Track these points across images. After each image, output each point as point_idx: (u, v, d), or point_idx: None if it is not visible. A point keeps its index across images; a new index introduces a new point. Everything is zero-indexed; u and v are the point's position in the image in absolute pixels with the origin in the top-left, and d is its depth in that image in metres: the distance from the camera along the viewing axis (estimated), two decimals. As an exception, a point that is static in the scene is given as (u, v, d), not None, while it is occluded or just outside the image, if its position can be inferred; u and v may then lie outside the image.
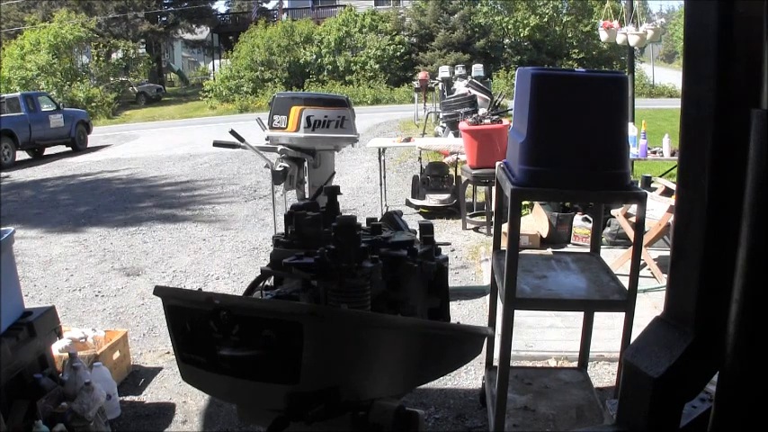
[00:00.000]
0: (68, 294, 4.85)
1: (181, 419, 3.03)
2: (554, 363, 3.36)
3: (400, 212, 1.74)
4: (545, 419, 2.62)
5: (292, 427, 1.09)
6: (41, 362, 2.80)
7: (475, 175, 5.73)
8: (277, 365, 1.06)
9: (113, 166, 11.90)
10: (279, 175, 4.13)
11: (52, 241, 6.49)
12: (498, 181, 2.57)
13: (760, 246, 0.69)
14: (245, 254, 5.72)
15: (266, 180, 6.50)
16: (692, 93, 0.80)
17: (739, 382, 0.74)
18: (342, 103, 4.21)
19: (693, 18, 0.80)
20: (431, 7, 26.65)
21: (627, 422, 0.83)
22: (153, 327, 4.11)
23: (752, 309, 0.70)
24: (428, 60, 25.21)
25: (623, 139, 2.25)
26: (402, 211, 1.79)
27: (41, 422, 2.49)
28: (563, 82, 2.29)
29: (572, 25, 26.64)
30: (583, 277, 2.54)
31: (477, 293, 4.39)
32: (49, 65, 24.56)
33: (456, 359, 1.56)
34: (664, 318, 0.84)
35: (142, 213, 7.68)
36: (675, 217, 0.87)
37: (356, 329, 1.13)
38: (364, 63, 26.36)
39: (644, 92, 23.20)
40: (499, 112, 6.18)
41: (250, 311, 1.08)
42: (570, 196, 3.55)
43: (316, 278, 1.24)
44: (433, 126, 11.53)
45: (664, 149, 5.93)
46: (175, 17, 31.41)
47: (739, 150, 0.70)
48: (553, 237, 5.33)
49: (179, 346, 1.17)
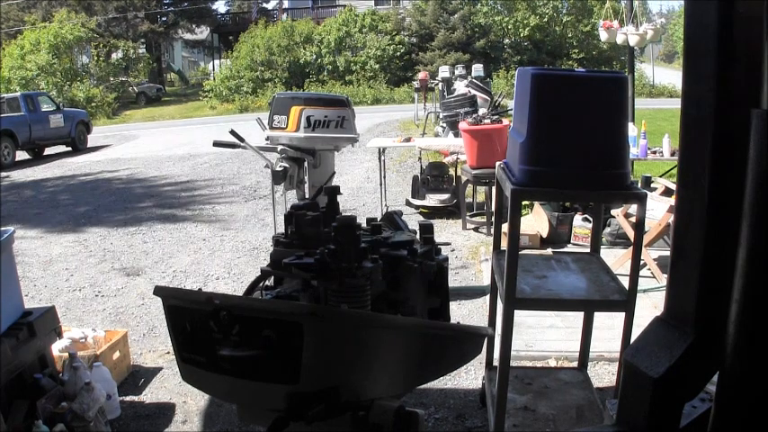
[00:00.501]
0: (68, 294, 4.85)
1: (181, 419, 3.03)
2: (554, 363, 3.36)
3: (400, 212, 1.74)
4: (545, 419, 2.62)
5: (292, 427, 1.09)
6: (41, 362, 2.80)
7: (475, 175, 5.73)
8: (277, 365, 1.06)
9: (113, 166, 11.90)
10: (279, 175, 4.13)
11: (52, 241, 6.49)
12: (498, 181, 2.57)
13: (760, 246, 0.69)
14: (245, 254, 5.72)
15: (266, 180, 6.50)
16: (692, 93, 0.80)
17: (739, 382, 0.74)
18: (342, 103, 4.21)
19: (693, 18, 0.80)
20: (431, 7, 26.65)
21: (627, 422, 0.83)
22: (153, 327, 4.11)
23: (752, 309, 0.70)
24: (428, 60, 25.21)
25: (623, 139, 2.25)
26: (402, 211, 1.79)
27: (41, 422, 2.49)
28: (563, 82, 2.29)
29: (572, 25, 26.64)
30: (583, 277, 2.54)
31: (477, 293, 4.39)
32: (49, 65, 24.57)
33: (456, 359, 1.56)
34: (664, 318, 0.84)
35: (142, 213, 7.68)
36: (675, 217, 0.87)
37: (356, 329, 1.13)
38: (364, 63, 26.36)
39: (644, 92, 23.20)
40: (499, 112, 6.18)
41: (250, 311, 1.08)
42: (570, 196, 3.55)
43: (316, 278, 1.24)
44: (433, 126, 11.53)
45: (664, 149, 5.93)
46: (175, 17, 31.41)
47: (739, 150, 0.70)
48: (553, 237, 5.33)
49: (179, 346, 1.17)
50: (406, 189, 7.61)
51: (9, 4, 28.78)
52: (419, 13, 27.06)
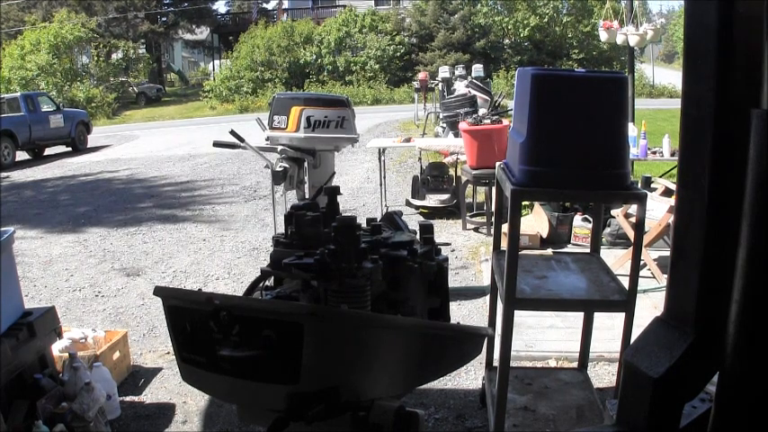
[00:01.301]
0: (68, 294, 4.85)
1: (181, 419, 3.03)
2: (554, 363, 3.36)
3: (400, 213, 1.73)
4: (545, 420, 2.62)
5: (292, 427, 1.09)
6: (41, 362, 2.80)
7: (475, 176, 5.73)
8: (277, 366, 1.06)
9: (113, 166, 11.90)
10: (279, 175, 4.13)
11: (52, 241, 6.49)
12: (498, 181, 2.57)
13: (760, 246, 0.69)
14: (245, 254, 5.72)
15: (266, 180, 6.50)
16: (692, 93, 0.80)
17: (739, 382, 0.74)
18: (342, 103, 4.21)
19: (693, 18, 0.80)
20: (431, 7, 26.65)
21: (627, 422, 0.83)
22: (153, 327, 4.11)
23: (752, 309, 0.71)
24: (428, 60, 25.22)
25: (623, 139, 2.25)
26: (402, 212, 1.79)
27: (41, 422, 2.49)
28: (563, 82, 2.29)
29: (572, 25, 26.64)
30: (583, 277, 2.54)
31: (477, 293, 4.39)
32: (49, 65, 24.58)
33: (456, 359, 1.56)
34: (664, 318, 0.84)
35: (142, 213, 7.68)
36: (675, 217, 0.87)
37: (356, 330, 1.13)
38: (364, 63, 26.37)
39: (644, 92, 23.20)
40: (499, 113, 6.18)
41: (250, 312, 1.08)
42: (570, 196, 3.55)
43: (316, 278, 1.24)
44: (433, 126, 11.53)
45: (664, 149, 5.93)
46: (175, 17, 31.42)
47: (739, 150, 0.70)
48: (553, 237, 5.33)
49: (179, 347, 1.17)
50: (406, 189, 7.61)
51: (9, 4, 28.78)
52: (419, 14, 27.06)
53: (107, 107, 24.62)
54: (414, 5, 27.51)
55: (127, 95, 27.56)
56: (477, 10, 26.96)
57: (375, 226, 1.46)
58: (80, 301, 4.68)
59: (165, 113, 24.95)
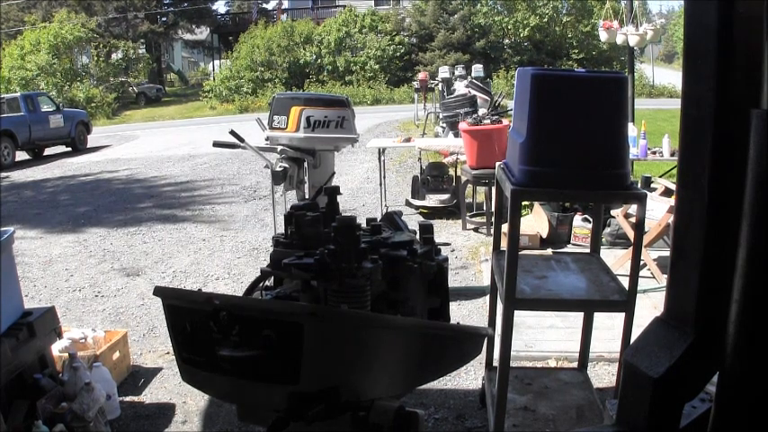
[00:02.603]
0: (68, 294, 4.85)
1: (181, 419, 3.03)
2: (554, 363, 3.36)
3: (400, 213, 1.73)
4: (545, 420, 2.62)
5: (292, 427, 1.09)
6: (41, 362, 2.80)
7: (475, 176, 5.73)
8: (277, 366, 1.06)
9: (113, 166, 11.90)
10: (279, 175, 4.13)
11: (52, 241, 6.49)
12: (498, 181, 2.57)
13: (760, 246, 0.69)
14: (244, 254, 5.72)
15: (266, 180, 6.50)
16: (692, 93, 0.80)
17: (739, 382, 0.74)
18: (342, 103, 4.21)
19: (693, 18, 0.80)
20: (431, 7, 26.65)
21: (627, 422, 0.83)
22: (153, 327, 4.11)
23: (752, 309, 0.70)
24: (428, 61, 25.21)
25: (623, 139, 2.25)
26: (402, 212, 1.79)
27: (41, 422, 2.49)
28: (563, 82, 2.29)
29: (572, 25, 26.63)
30: (583, 277, 2.54)
31: (477, 294, 4.39)
32: (48, 65, 24.57)
33: (456, 359, 1.56)
34: (664, 318, 0.84)
35: (142, 214, 7.68)
36: (675, 217, 0.87)
37: (356, 330, 1.13)
38: (364, 63, 26.36)
39: (644, 92, 23.20)
40: (499, 113, 6.18)
41: (250, 312, 1.08)
42: (570, 196, 3.55)
43: (316, 278, 1.23)
44: (432, 126, 11.52)
45: (664, 149, 5.93)
46: (175, 17, 31.41)
47: (739, 150, 0.70)
48: (553, 237, 5.33)
49: (179, 347, 1.17)
50: (405, 189, 7.61)
51: (9, 4, 28.78)
52: (419, 14, 27.05)
53: (107, 107, 24.60)
54: (413, 5, 27.50)
55: (127, 95, 27.55)
56: (476, 10, 26.95)
57: (375, 226, 1.46)
58: (80, 301, 4.68)
59: (165, 113, 24.95)
